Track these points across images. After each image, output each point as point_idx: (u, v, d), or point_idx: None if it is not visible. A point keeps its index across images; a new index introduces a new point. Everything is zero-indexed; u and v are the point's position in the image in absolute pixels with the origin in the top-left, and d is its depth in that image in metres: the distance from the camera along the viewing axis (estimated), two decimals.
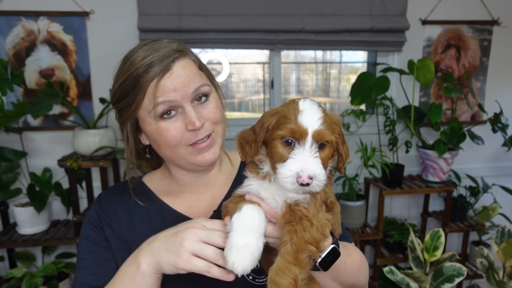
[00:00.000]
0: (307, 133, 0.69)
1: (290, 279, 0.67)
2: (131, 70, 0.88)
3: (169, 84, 0.86)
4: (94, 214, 0.97)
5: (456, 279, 1.95)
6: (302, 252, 0.68)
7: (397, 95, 2.53)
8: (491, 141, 2.63)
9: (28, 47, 2.18)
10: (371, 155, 2.31)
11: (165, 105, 0.86)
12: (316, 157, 0.69)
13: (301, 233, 0.69)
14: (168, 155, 0.93)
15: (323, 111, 0.73)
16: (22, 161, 2.26)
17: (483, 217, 2.56)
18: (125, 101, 0.91)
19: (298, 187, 0.68)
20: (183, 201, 1.00)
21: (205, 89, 0.91)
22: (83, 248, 0.95)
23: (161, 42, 0.91)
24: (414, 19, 2.46)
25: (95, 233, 0.95)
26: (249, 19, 2.26)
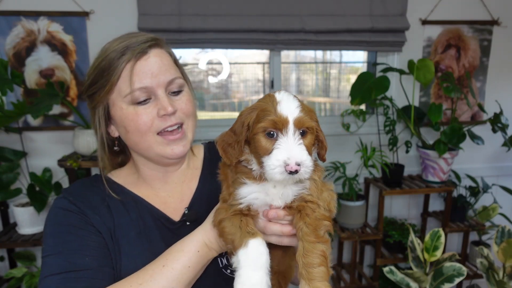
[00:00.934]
0: (288, 121, 0.69)
1: (320, 256, 0.70)
2: (107, 53, 0.88)
3: (146, 69, 0.86)
4: (68, 203, 0.89)
5: (456, 279, 1.95)
6: (319, 228, 0.72)
7: (397, 95, 2.53)
8: (491, 141, 2.63)
9: (28, 47, 2.18)
10: (371, 155, 2.31)
11: (141, 91, 0.86)
12: (301, 144, 0.70)
13: (312, 214, 0.73)
14: (136, 143, 0.91)
15: (300, 101, 0.74)
16: (22, 161, 2.26)
17: (483, 217, 2.56)
18: (99, 83, 0.90)
19: (287, 176, 0.68)
20: (154, 196, 0.98)
21: (179, 82, 0.92)
22: (59, 234, 0.85)
23: (139, 32, 0.94)
24: (414, 19, 2.46)
25: (76, 218, 0.87)
26: (249, 19, 2.26)
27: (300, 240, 0.71)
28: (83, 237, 0.85)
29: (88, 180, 0.99)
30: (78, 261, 0.81)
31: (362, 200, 2.39)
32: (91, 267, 0.81)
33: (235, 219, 0.75)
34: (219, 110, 2.71)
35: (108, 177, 1.00)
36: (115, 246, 0.88)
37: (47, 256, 0.83)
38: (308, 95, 2.79)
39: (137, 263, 0.85)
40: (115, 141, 0.99)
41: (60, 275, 0.79)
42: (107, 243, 0.87)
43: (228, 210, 0.76)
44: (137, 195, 0.97)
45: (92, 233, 0.86)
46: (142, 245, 0.89)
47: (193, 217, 0.96)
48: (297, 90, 2.76)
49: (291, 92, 0.81)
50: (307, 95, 2.79)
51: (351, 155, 2.55)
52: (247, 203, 0.75)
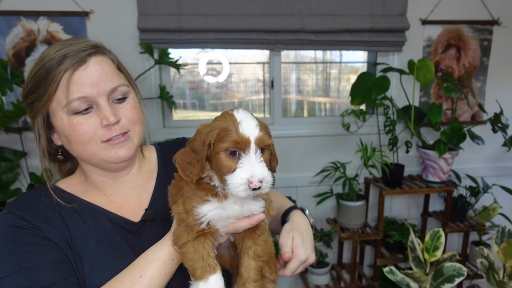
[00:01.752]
0: (250, 141, 0.73)
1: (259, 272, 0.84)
2: (44, 61, 0.84)
3: (85, 78, 0.83)
4: (16, 219, 0.84)
5: (456, 279, 1.94)
6: (264, 249, 0.84)
7: (397, 95, 2.53)
8: (491, 141, 2.62)
9: (28, 47, 2.18)
10: (371, 155, 2.31)
11: (80, 101, 0.83)
12: (261, 162, 0.74)
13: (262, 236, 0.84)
14: (79, 152, 0.89)
15: (257, 119, 0.78)
16: (22, 161, 2.26)
17: (483, 217, 2.55)
18: (36, 93, 0.86)
19: (251, 192, 0.72)
20: (109, 202, 0.95)
21: (123, 89, 0.90)
22: (13, 253, 0.80)
23: (78, 39, 0.89)
24: (414, 19, 2.46)
25: (28, 234, 0.82)
26: (249, 19, 2.26)
27: (248, 258, 0.82)
28: (40, 253, 0.81)
29: (35, 191, 0.93)
30: (40, 278, 0.78)
31: (362, 200, 2.39)
32: (55, 281, 0.79)
33: (198, 244, 0.79)
34: (219, 110, 2.71)
35: (57, 186, 0.95)
36: (75, 256, 0.85)
37: (4, 277, 0.78)
38: (308, 95, 2.79)
39: (102, 270, 0.84)
40: (59, 150, 0.96)
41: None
42: (67, 254, 0.84)
43: (190, 233, 0.78)
44: (91, 203, 0.93)
45: (49, 246, 0.82)
46: (104, 251, 0.87)
47: (152, 216, 0.95)
48: (297, 90, 2.76)
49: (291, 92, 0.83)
50: (307, 95, 2.79)
51: (351, 155, 2.55)
52: (207, 221, 0.78)
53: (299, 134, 2.56)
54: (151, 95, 2.30)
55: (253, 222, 0.80)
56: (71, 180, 0.99)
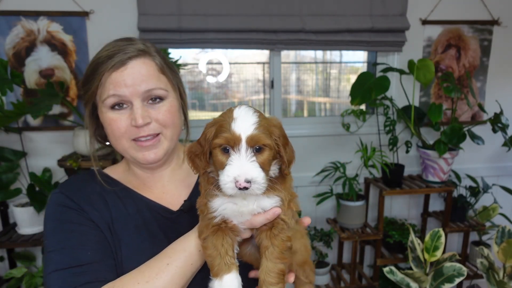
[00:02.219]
0: (241, 139, 0.71)
1: (279, 275, 0.77)
2: (95, 59, 0.94)
3: (120, 79, 0.90)
4: (65, 199, 0.92)
5: (456, 279, 1.95)
6: (284, 250, 0.78)
7: (397, 95, 2.53)
8: (491, 141, 2.63)
9: (28, 47, 2.18)
10: (371, 155, 2.31)
11: (114, 98, 0.91)
12: (253, 161, 0.71)
13: (279, 236, 0.78)
14: (115, 145, 0.96)
15: (261, 116, 0.76)
16: (22, 161, 2.26)
17: (483, 217, 2.55)
18: (86, 86, 0.96)
19: (238, 192, 0.70)
20: (148, 191, 1.01)
21: (158, 92, 0.94)
22: (60, 231, 0.88)
23: (129, 41, 0.96)
24: (414, 19, 2.46)
25: (74, 214, 0.90)
26: (249, 19, 2.26)
27: (265, 259, 0.78)
28: (83, 233, 0.87)
29: (84, 175, 1.02)
30: (81, 256, 0.84)
31: (362, 200, 2.39)
32: (94, 260, 0.84)
33: (216, 240, 0.78)
34: (219, 110, 2.71)
35: (104, 172, 1.04)
36: (115, 239, 0.90)
37: (50, 252, 0.85)
38: (308, 95, 2.79)
39: (138, 254, 0.88)
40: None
41: (64, 271, 0.81)
42: (107, 236, 0.90)
43: (209, 227, 0.78)
44: (132, 190, 0.99)
45: (92, 228, 0.89)
46: (141, 237, 0.92)
47: (190, 207, 0.98)
48: (297, 90, 2.76)
49: (291, 92, 0.81)
50: (307, 95, 2.79)
51: (351, 155, 2.55)
52: (220, 215, 0.78)
53: (299, 134, 2.56)
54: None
55: (269, 217, 0.77)
56: (116, 167, 1.07)
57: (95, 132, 1.04)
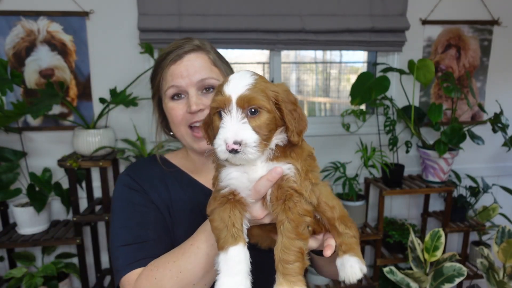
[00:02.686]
0: (231, 100, 0.69)
1: (297, 253, 0.71)
2: (158, 56, 1.07)
3: (178, 71, 1.01)
4: (131, 181, 1.03)
5: (456, 279, 1.95)
6: (300, 225, 0.72)
7: (397, 95, 2.53)
8: (491, 141, 2.63)
9: (28, 47, 2.18)
10: (371, 155, 2.31)
11: (173, 88, 1.02)
12: (245, 123, 0.69)
13: (294, 209, 0.72)
14: (175, 132, 1.07)
15: (260, 79, 0.72)
16: (22, 161, 2.26)
17: (483, 217, 2.55)
18: (153, 81, 1.10)
19: (229, 155, 0.68)
20: (204, 177, 1.09)
21: (211, 82, 1.03)
22: (126, 210, 0.98)
23: (188, 39, 1.07)
24: (414, 19, 2.46)
25: (138, 196, 1.00)
26: (249, 19, 2.26)
27: (280, 234, 0.72)
28: (145, 213, 0.98)
29: (148, 160, 1.14)
30: (142, 234, 0.94)
31: (362, 200, 2.39)
32: (153, 238, 0.94)
33: (224, 212, 0.74)
34: None
35: (165, 157, 1.15)
36: (172, 219, 1.01)
37: (116, 228, 0.97)
38: (308, 95, 2.79)
39: (189, 234, 0.92)
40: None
41: (128, 246, 0.92)
42: (165, 217, 1.00)
43: (216, 200, 0.75)
44: (190, 175, 1.09)
45: (152, 209, 0.99)
46: (196, 219, 0.99)
47: None
48: (297, 90, 2.76)
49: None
50: (307, 95, 2.79)
51: (351, 155, 2.55)
52: (228, 186, 0.74)
53: None
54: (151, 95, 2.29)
55: (270, 177, 0.72)
56: (176, 153, 1.18)
57: (162, 124, 1.15)
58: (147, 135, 2.36)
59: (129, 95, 2.11)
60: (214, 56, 1.07)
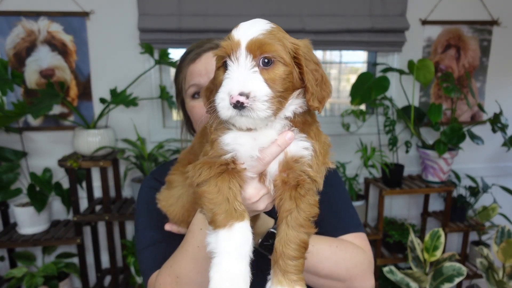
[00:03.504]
0: (239, 44, 0.57)
1: (302, 248, 0.62)
2: (180, 57, 1.08)
3: (196, 70, 1.01)
4: (156, 183, 1.03)
5: (456, 279, 1.95)
6: (310, 216, 0.63)
7: (397, 95, 2.53)
8: (491, 141, 2.63)
9: (29, 47, 2.18)
10: (371, 155, 2.32)
11: (194, 87, 1.02)
12: (255, 72, 0.56)
13: (306, 197, 0.62)
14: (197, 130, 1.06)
15: (277, 28, 0.61)
16: (22, 161, 2.26)
17: (483, 217, 2.56)
18: (176, 82, 1.11)
19: (234, 112, 0.55)
20: None
21: None
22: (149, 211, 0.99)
23: (208, 39, 1.08)
24: (414, 19, 2.46)
25: None
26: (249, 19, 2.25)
27: (285, 225, 0.62)
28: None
29: (171, 163, 1.11)
30: (166, 232, 0.93)
31: (362, 200, 2.39)
32: (172, 238, 0.92)
33: (222, 183, 0.60)
34: None
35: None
36: None
37: (139, 230, 0.98)
38: None
39: None
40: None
41: (153, 246, 0.94)
42: None
43: (212, 168, 0.61)
44: None
45: None
46: None
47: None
48: None
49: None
50: None
51: (351, 155, 2.55)
52: (232, 151, 0.61)
53: None
54: (151, 95, 2.30)
55: (280, 142, 0.61)
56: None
57: (187, 124, 1.16)
58: (147, 135, 2.36)
59: (129, 95, 2.11)
60: None
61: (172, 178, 0.90)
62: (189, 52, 1.05)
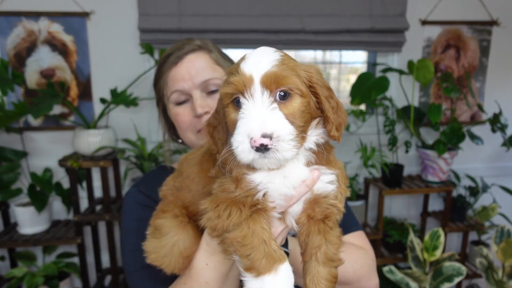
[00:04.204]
0: (252, 79, 0.52)
1: (333, 283, 0.59)
2: (159, 60, 1.01)
3: (178, 74, 0.95)
4: (142, 196, 0.95)
5: (456, 279, 1.95)
6: (340, 249, 0.60)
7: (397, 95, 2.53)
8: (491, 141, 2.63)
9: (29, 47, 2.19)
10: (371, 155, 2.32)
11: (177, 93, 0.96)
12: (274, 109, 0.51)
13: (334, 229, 0.60)
14: (183, 139, 1.02)
15: (285, 56, 0.56)
16: (23, 161, 2.27)
17: (482, 217, 2.56)
18: (156, 87, 1.04)
19: (256, 155, 0.50)
20: None
21: (215, 82, 0.96)
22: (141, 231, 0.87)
23: (189, 40, 1.01)
24: (413, 20, 2.46)
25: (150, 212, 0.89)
26: (249, 19, 2.26)
27: (315, 262, 0.58)
28: None
29: (158, 171, 1.06)
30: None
31: (362, 200, 2.39)
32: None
33: (254, 224, 0.56)
34: None
35: (174, 167, 1.06)
36: None
37: (129, 251, 0.88)
38: None
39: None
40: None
41: (146, 269, 0.83)
42: None
43: (243, 209, 0.56)
44: None
45: None
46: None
47: None
48: None
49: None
50: None
51: (351, 155, 2.56)
52: (264, 190, 0.57)
53: None
54: (151, 95, 2.30)
55: (309, 183, 0.58)
56: None
57: (169, 131, 1.09)
58: (147, 135, 2.37)
59: (129, 95, 2.12)
60: (217, 55, 1.01)
61: (161, 223, 0.75)
62: (169, 55, 0.97)
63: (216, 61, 0.99)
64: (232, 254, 0.58)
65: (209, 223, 0.58)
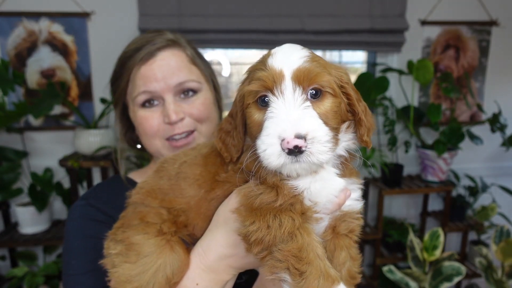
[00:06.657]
0: (283, 75, 0.47)
1: None
2: (123, 53, 0.88)
3: (150, 73, 0.82)
4: (92, 210, 0.83)
5: (455, 278, 1.96)
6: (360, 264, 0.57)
7: (397, 95, 2.54)
8: (490, 141, 2.64)
9: (29, 48, 2.19)
10: (371, 155, 2.32)
11: (145, 94, 0.83)
12: (308, 107, 0.46)
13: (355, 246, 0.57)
14: (146, 146, 0.89)
15: (314, 54, 0.52)
16: (24, 161, 2.27)
17: (482, 217, 2.57)
18: (115, 84, 0.91)
19: (287, 160, 0.44)
20: None
21: (191, 85, 0.85)
22: (89, 250, 0.77)
23: (159, 32, 0.90)
24: (413, 20, 2.47)
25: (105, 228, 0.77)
26: (249, 20, 2.27)
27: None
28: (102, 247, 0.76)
29: (110, 182, 0.94)
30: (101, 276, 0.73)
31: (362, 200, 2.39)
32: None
33: (307, 235, 0.48)
34: None
35: (130, 177, 0.95)
36: None
37: (74, 275, 0.75)
38: None
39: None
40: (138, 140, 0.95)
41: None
42: None
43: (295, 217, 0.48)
44: None
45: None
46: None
47: None
48: None
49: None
50: None
51: None
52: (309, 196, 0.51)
53: None
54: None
55: (340, 201, 0.54)
56: (144, 171, 0.96)
57: (126, 135, 0.95)
58: None
59: None
60: (192, 52, 0.91)
61: (138, 241, 0.61)
62: (138, 49, 0.84)
63: (192, 60, 0.89)
64: (280, 273, 0.48)
65: (254, 236, 0.49)
